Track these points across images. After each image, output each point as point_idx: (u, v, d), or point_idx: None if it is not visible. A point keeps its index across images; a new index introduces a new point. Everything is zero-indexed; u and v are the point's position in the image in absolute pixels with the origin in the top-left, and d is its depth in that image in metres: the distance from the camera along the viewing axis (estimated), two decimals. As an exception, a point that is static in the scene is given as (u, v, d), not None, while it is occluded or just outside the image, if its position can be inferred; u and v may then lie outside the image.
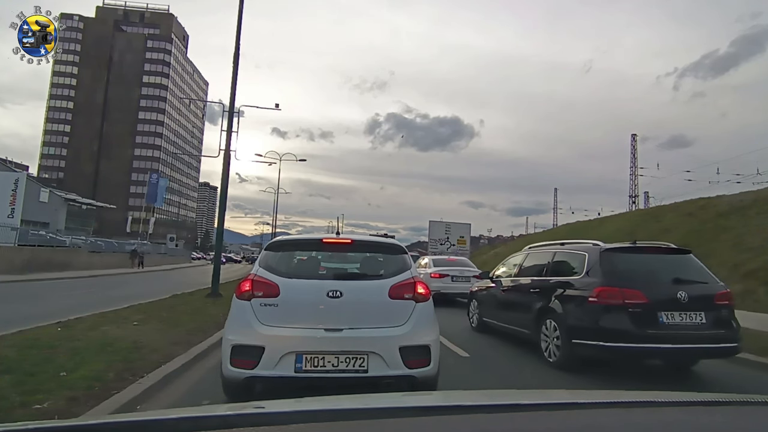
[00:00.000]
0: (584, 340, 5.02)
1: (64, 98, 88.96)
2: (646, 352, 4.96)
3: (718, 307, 5.08)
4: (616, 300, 4.91)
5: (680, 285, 5.04)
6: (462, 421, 1.00)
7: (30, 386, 3.60)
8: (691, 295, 4.92)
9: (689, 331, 4.84)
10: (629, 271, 5.26)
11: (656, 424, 1.03)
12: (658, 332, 4.77)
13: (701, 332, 4.86)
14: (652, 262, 5.48)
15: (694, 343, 4.86)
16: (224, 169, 12.57)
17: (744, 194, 19.68)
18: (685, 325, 4.86)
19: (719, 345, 4.94)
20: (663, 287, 5.08)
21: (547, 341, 5.64)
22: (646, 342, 4.76)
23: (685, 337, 4.82)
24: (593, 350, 4.98)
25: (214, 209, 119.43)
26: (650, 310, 4.84)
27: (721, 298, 5.14)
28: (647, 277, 5.21)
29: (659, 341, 4.78)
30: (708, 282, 5.31)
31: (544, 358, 5.63)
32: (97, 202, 58.01)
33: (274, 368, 3.32)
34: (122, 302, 9.27)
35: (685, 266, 5.45)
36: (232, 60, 12.17)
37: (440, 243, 37.60)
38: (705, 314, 4.93)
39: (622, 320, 4.83)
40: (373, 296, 3.65)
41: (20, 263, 20.63)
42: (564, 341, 5.27)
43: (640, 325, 4.77)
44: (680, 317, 4.87)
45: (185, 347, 5.43)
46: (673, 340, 4.79)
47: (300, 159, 36.76)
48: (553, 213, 72.92)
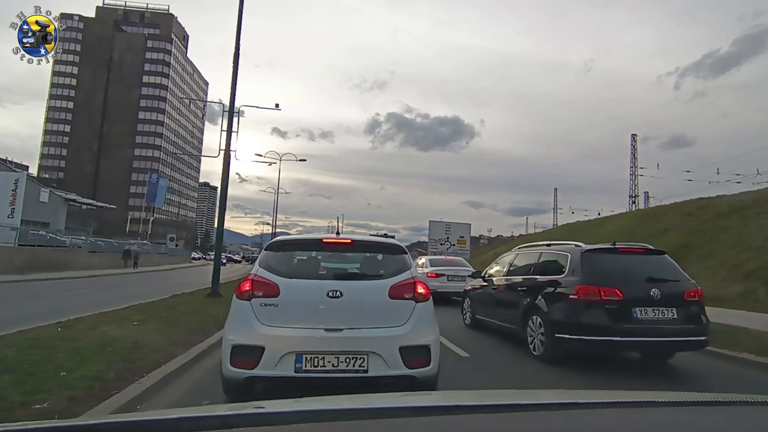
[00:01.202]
0: (566, 334, 5.39)
1: (64, 98, 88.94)
2: (622, 345, 5.35)
3: (689, 304, 5.46)
4: (595, 297, 5.27)
5: (654, 283, 5.38)
6: (462, 421, 1.00)
7: (30, 386, 3.60)
8: (663, 293, 5.29)
9: (661, 325, 5.22)
10: (607, 270, 5.59)
11: (656, 424, 1.03)
12: (632, 327, 5.15)
13: (672, 327, 5.25)
14: (629, 262, 5.84)
15: (665, 336, 5.24)
16: (224, 169, 12.57)
17: (744, 194, 19.70)
18: (657, 320, 5.23)
19: (689, 339, 5.35)
20: (638, 285, 5.41)
21: (533, 336, 5.97)
22: (621, 336, 5.13)
23: (657, 331, 5.21)
24: (574, 344, 5.34)
25: (214, 209, 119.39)
26: (626, 306, 5.20)
27: (691, 295, 5.50)
28: (624, 276, 5.53)
29: (634, 335, 5.16)
30: (680, 280, 5.65)
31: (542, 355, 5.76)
32: (97, 202, 57.93)
33: (274, 368, 3.32)
34: (122, 302, 9.28)
35: (660, 266, 5.79)
36: (232, 60, 12.17)
37: (440, 243, 37.59)
38: (676, 310, 5.31)
39: (600, 316, 5.21)
40: (373, 296, 3.65)
41: (20, 263, 20.63)
42: (548, 336, 5.63)
43: (616, 320, 5.16)
44: (653, 313, 5.24)
45: (185, 347, 5.43)
46: (647, 333, 5.18)
47: (300, 159, 36.76)
48: (553, 213, 72.92)
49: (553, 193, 78.04)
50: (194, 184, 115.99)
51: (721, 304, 11.86)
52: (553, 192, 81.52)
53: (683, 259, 16.41)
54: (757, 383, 5.23)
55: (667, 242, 18.30)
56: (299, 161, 37.18)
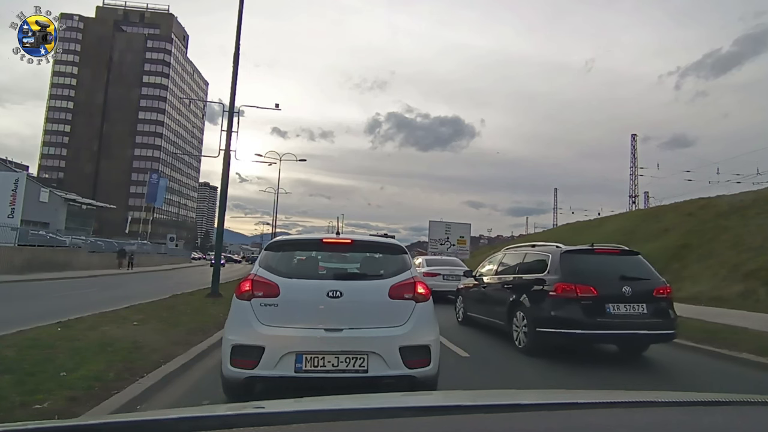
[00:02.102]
0: (546, 328, 5.84)
1: (64, 98, 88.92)
2: (597, 338, 5.94)
3: (657, 300, 5.89)
4: (572, 294, 5.72)
5: (626, 281, 5.84)
6: (462, 421, 1.00)
7: (30, 386, 3.60)
8: (634, 290, 5.76)
9: (632, 319, 5.68)
10: (584, 269, 6.03)
11: (656, 424, 1.03)
12: (606, 321, 5.61)
13: (642, 321, 5.70)
14: (604, 262, 6.31)
15: (636, 329, 5.71)
16: (224, 169, 12.57)
17: (744, 194, 19.70)
18: (628, 314, 5.69)
19: (658, 332, 5.81)
20: (611, 283, 5.86)
21: (517, 330, 6.42)
22: (596, 329, 5.61)
23: (628, 325, 5.67)
24: (553, 337, 5.81)
25: (214, 209, 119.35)
26: (600, 302, 5.66)
27: (660, 292, 5.95)
28: (599, 275, 5.97)
29: (607, 328, 5.63)
30: (650, 279, 6.09)
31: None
32: (97, 202, 57.97)
33: (274, 368, 3.32)
34: (122, 302, 9.28)
35: (633, 265, 6.26)
36: (232, 60, 12.17)
37: (440, 243, 37.58)
38: (646, 305, 5.75)
39: (576, 311, 5.66)
40: (373, 296, 3.64)
41: (20, 263, 20.63)
42: (530, 330, 6.09)
43: (590, 314, 5.61)
44: (625, 308, 5.70)
45: (185, 347, 5.43)
46: (619, 327, 5.65)
47: (300, 159, 36.77)
48: (553, 213, 72.91)
49: (553, 193, 78.01)
50: (194, 184, 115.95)
51: (721, 304, 11.87)
52: (553, 192, 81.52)
53: (683, 259, 16.47)
54: (757, 383, 5.23)
55: (667, 242, 18.31)
56: (299, 161, 37.23)
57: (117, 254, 31.41)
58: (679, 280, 15.71)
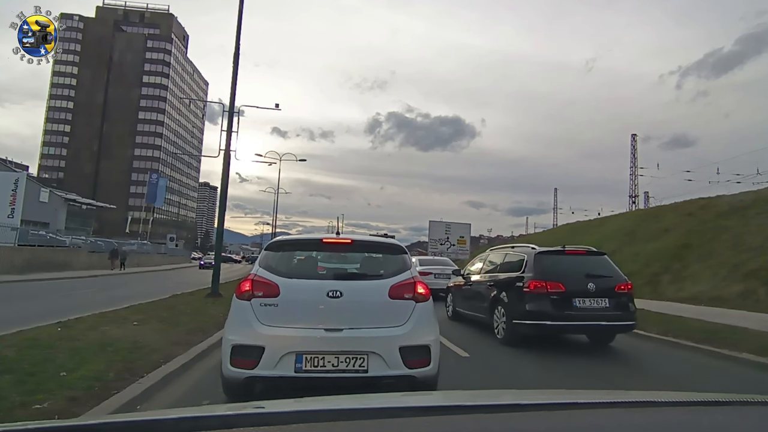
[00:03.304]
0: (521, 320, 6.52)
1: (64, 98, 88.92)
2: (565, 329, 6.72)
3: (619, 295, 6.59)
4: (543, 290, 6.42)
5: (591, 279, 6.53)
6: (462, 421, 1.00)
7: (30, 386, 3.60)
8: (598, 286, 6.47)
9: (596, 312, 6.39)
10: (554, 268, 6.70)
11: (656, 424, 1.03)
12: (572, 313, 6.33)
13: (605, 313, 6.41)
14: (573, 262, 6.98)
15: (599, 321, 6.43)
16: (224, 169, 12.57)
17: (744, 194, 19.66)
18: (593, 308, 6.40)
19: (618, 323, 6.56)
20: (578, 280, 6.52)
21: (497, 323, 7.11)
22: (564, 321, 6.35)
23: (592, 317, 6.39)
24: (527, 328, 6.49)
25: (214, 209, 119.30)
26: (567, 297, 6.36)
27: (621, 288, 6.64)
28: (567, 273, 6.63)
29: (573, 320, 6.40)
30: (613, 276, 6.76)
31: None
32: (97, 202, 57.97)
33: (274, 368, 3.32)
34: (122, 302, 9.27)
35: (598, 265, 6.95)
36: (232, 60, 12.17)
37: (440, 243, 37.60)
38: (608, 300, 6.47)
39: (547, 305, 6.34)
40: (373, 296, 3.65)
41: (20, 263, 20.64)
42: (507, 322, 6.77)
43: (559, 308, 6.31)
44: (589, 302, 6.41)
45: (185, 347, 5.43)
46: (584, 319, 6.40)
47: (300, 159, 36.73)
48: (553, 213, 72.87)
49: (554, 193, 77.96)
50: (194, 184, 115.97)
51: (721, 304, 11.86)
52: (553, 192, 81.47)
53: (683, 259, 16.45)
54: (757, 383, 5.23)
55: (667, 242, 18.30)
56: (299, 161, 37.17)
57: (109, 254, 30.30)
58: (679, 280, 15.71)
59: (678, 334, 7.41)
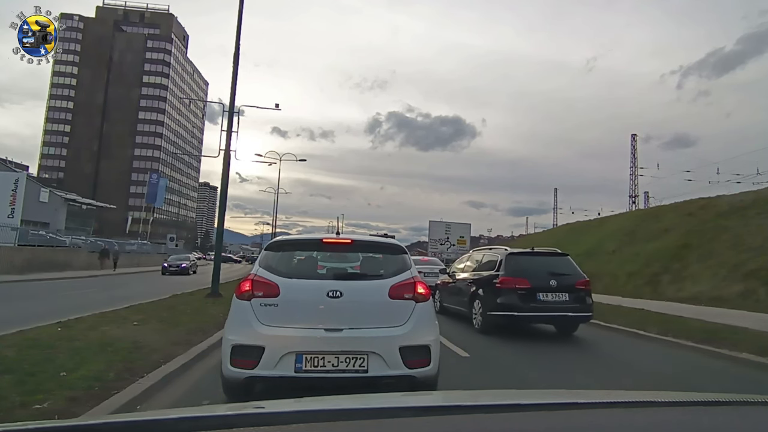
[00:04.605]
0: (494, 312, 7.48)
1: (64, 98, 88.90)
2: (530, 319, 7.60)
3: (578, 290, 7.55)
4: (511, 285, 7.37)
5: (554, 276, 7.51)
6: (462, 421, 1.00)
7: (30, 386, 3.60)
8: (559, 283, 7.44)
9: (557, 305, 7.40)
10: (523, 267, 7.68)
11: (656, 424, 1.03)
12: (537, 305, 7.33)
13: (565, 305, 7.42)
14: (539, 261, 7.98)
15: (560, 312, 7.44)
16: (224, 169, 12.57)
17: (744, 194, 19.66)
18: (554, 301, 7.39)
19: (577, 314, 7.52)
20: (542, 277, 7.46)
21: (475, 315, 8.05)
22: (529, 312, 7.31)
23: (554, 309, 7.41)
24: (499, 318, 7.46)
25: (214, 209, 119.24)
26: (532, 291, 7.33)
27: (579, 284, 7.62)
28: (533, 271, 7.60)
29: (538, 311, 7.38)
30: (573, 274, 7.72)
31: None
32: (97, 202, 57.95)
33: (274, 368, 3.31)
34: (122, 302, 9.27)
35: (561, 264, 7.92)
36: (232, 60, 12.17)
37: (440, 243, 37.62)
38: (568, 294, 7.45)
39: (515, 298, 7.29)
40: (373, 296, 3.64)
41: (20, 263, 20.65)
42: (483, 313, 7.76)
43: (525, 301, 7.28)
44: (551, 296, 7.39)
45: (185, 347, 5.43)
46: (547, 310, 7.40)
47: (300, 159, 36.72)
48: (553, 213, 72.86)
49: (554, 193, 77.93)
50: (194, 184, 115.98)
51: (721, 304, 11.86)
52: (553, 192, 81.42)
53: (683, 259, 16.46)
54: (757, 383, 5.23)
55: (667, 242, 18.31)
56: (299, 161, 37.19)
57: (99, 254, 29.19)
58: (679, 280, 15.72)
59: (678, 334, 7.41)
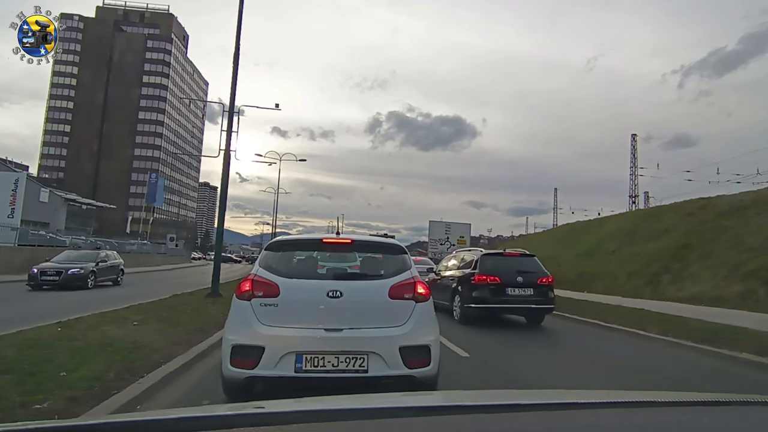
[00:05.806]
0: (470, 304, 8.70)
1: (64, 98, 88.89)
2: (501, 310, 8.92)
3: (541, 286, 8.79)
4: (484, 282, 8.63)
5: (521, 273, 8.75)
6: (462, 421, 1.00)
7: (30, 386, 3.60)
8: (525, 279, 8.68)
9: (523, 298, 8.65)
10: (495, 266, 8.93)
11: (656, 424, 1.03)
12: (506, 299, 8.58)
13: (529, 299, 8.68)
14: (509, 261, 9.22)
15: (525, 304, 8.74)
16: (224, 169, 12.57)
17: (744, 194, 19.67)
18: (520, 295, 8.63)
19: (540, 306, 8.80)
20: (511, 275, 8.70)
21: (455, 309, 9.21)
22: (499, 304, 8.62)
23: (520, 301, 8.67)
24: (474, 310, 8.69)
25: (214, 209, 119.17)
26: (502, 287, 8.59)
27: (542, 281, 8.83)
28: (503, 269, 8.82)
29: (506, 304, 8.65)
30: (537, 272, 8.94)
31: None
32: (97, 202, 57.94)
33: (274, 368, 3.31)
34: (122, 302, 9.27)
35: (528, 263, 9.19)
36: (232, 60, 12.17)
37: (440, 243, 37.63)
38: (532, 289, 8.71)
39: (487, 293, 8.57)
40: (373, 296, 3.64)
41: (20, 263, 20.62)
42: (461, 306, 8.96)
43: (496, 295, 8.55)
44: (518, 291, 8.64)
45: (185, 347, 5.43)
46: (514, 303, 8.67)
47: (300, 159, 36.80)
48: (553, 213, 72.86)
49: (554, 193, 77.91)
50: (194, 184, 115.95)
51: (721, 304, 11.86)
52: (553, 192, 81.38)
53: (683, 259, 16.46)
54: (757, 383, 5.23)
55: (667, 242, 18.30)
56: (299, 161, 37.24)
57: None
58: (679, 280, 15.72)
59: (678, 334, 7.42)
